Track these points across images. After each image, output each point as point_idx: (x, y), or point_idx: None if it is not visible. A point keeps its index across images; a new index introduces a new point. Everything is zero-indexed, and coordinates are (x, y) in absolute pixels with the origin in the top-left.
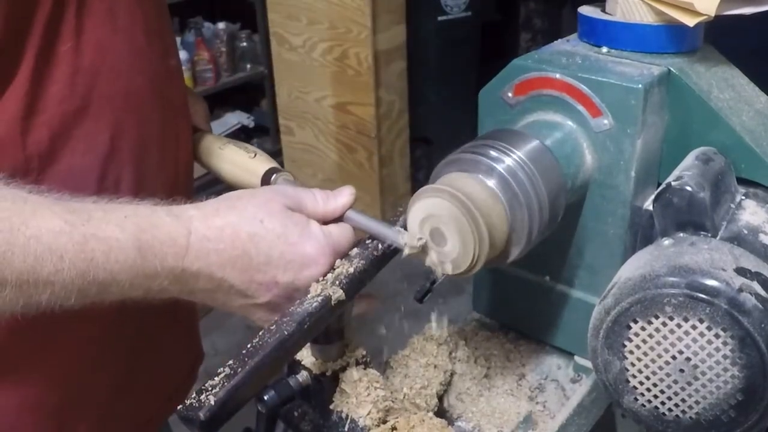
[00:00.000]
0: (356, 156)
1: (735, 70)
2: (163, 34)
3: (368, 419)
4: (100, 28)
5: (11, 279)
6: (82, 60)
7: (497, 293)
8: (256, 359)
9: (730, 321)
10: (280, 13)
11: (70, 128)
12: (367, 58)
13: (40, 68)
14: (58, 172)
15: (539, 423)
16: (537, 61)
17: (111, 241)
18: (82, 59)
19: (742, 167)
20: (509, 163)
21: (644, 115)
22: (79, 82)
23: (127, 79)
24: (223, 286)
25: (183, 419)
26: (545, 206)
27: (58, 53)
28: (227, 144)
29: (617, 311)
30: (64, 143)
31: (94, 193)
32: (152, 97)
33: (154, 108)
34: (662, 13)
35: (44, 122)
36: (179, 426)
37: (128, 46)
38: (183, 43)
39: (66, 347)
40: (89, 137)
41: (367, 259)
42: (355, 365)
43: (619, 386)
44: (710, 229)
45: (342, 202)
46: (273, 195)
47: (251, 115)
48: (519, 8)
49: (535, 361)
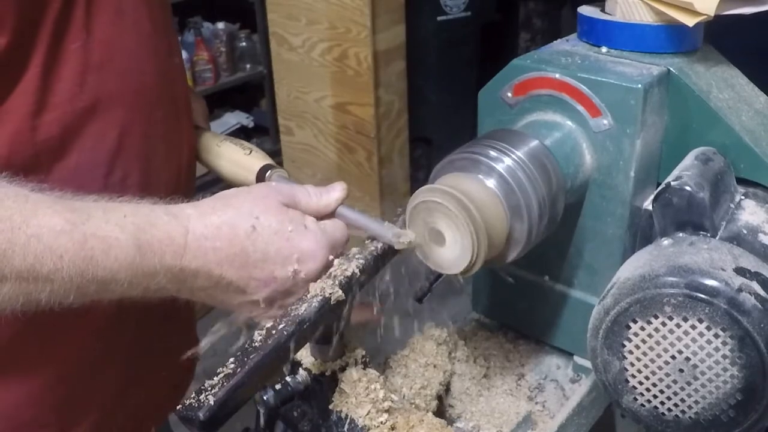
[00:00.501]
0: (356, 156)
1: (735, 70)
2: (167, 32)
3: (367, 419)
4: (109, 25)
5: (11, 276)
6: (92, 57)
7: (496, 293)
8: (256, 359)
9: (730, 321)
10: (280, 13)
11: (80, 125)
12: (367, 58)
13: (49, 65)
14: (66, 168)
15: (538, 423)
16: (536, 61)
17: (110, 240)
18: (92, 57)
19: (741, 167)
20: (509, 163)
21: (644, 115)
22: (88, 80)
23: (136, 76)
24: (222, 284)
25: (182, 419)
26: (545, 206)
27: (68, 51)
28: (224, 141)
29: (616, 311)
30: (73, 140)
31: (101, 189)
32: (159, 94)
33: (160, 105)
34: (662, 13)
35: (54, 119)
36: (179, 426)
37: (136, 43)
38: (182, 43)
39: (71, 343)
40: (98, 134)
41: (367, 259)
42: (354, 365)
43: (619, 386)
44: (710, 229)
45: (335, 197)
46: (268, 191)
47: (250, 115)
48: (518, 8)
49: (534, 361)
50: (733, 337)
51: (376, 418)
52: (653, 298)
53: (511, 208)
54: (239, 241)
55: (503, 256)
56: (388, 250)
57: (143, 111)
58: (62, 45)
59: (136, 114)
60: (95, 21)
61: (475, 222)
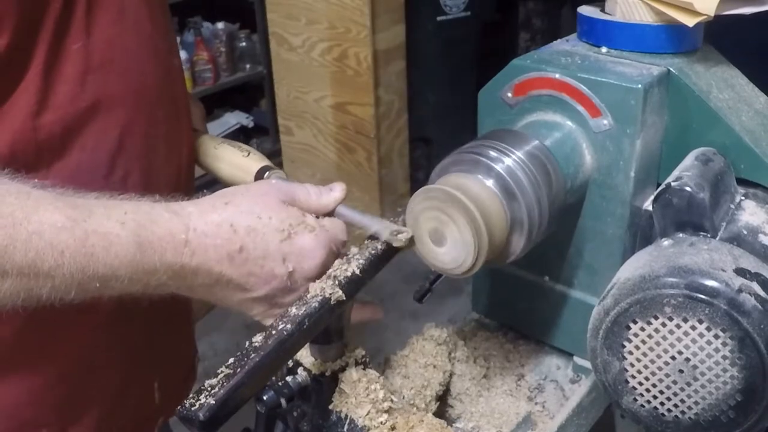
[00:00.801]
0: (355, 156)
1: (734, 70)
2: (168, 32)
3: (367, 419)
4: (111, 25)
5: (12, 272)
6: (93, 58)
7: (496, 293)
8: (256, 359)
9: (730, 321)
10: (280, 12)
11: (81, 125)
12: (367, 57)
13: (50, 65)
14: (67, 168)
15: (538, 423)
16: (536, 61)
17: (111, 236)
18: (93, 57)
19: (741, 167)
20: (509, 163)
21: (644, 115)
22: (89, 80)
23: (137, 76)
24: (222, 281)
25: (183, 419)
26: (544, 206)
27: (69, 51)
28: (221, 143)
29: (616, 312)
30: (75, 139)
31: (101, 188)
32: (160, 94)
33: (161, 105)
34: (662, 13)
35: (55, 119)
36: (179, 426)
37: (137, 43)
38: (182, 43)
39: (72, 341)
40: (99, 134)
41: (367, 259)
42: (354, 365)
43: (619, 387)
44: (710, 230)
45: (334, 197)
46: (268, 189)
47: (250, 115)
48: (518, 8)
49: (534, 362)
50: (733, 337)
51: (376, 418)
52: (653, 298)
53: (511, 209)
54: (239, 239)
55: (503, 256)
56: (388, 250)
57: (144, 111)
58: (63, 45)
59: (137, 114)
60: (96, 21)
61: (475, 222)
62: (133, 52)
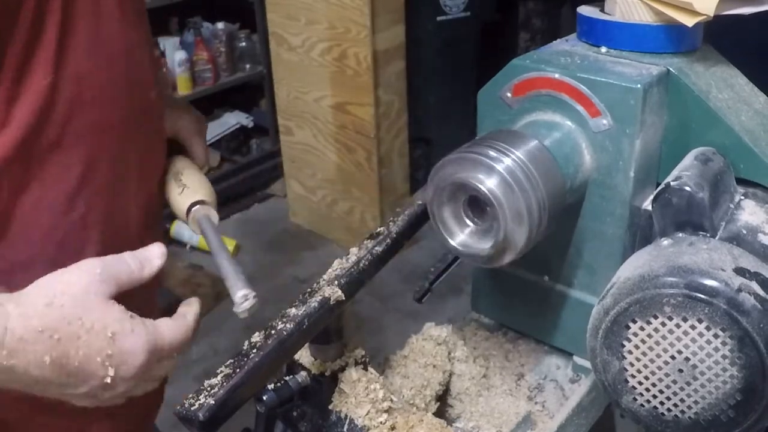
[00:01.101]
0: (355, 156)
1: (734, 70)
2: (148, 65)
3: (367, 419)
4: (83, 61)
5: None
6: (61, 94)
7: (496, 293)
8: (255, 360)
9: (729, 321)
10: (279, 13)
11: (42, 161)
12: (366, 58)
13: (12, 99)
14: (26, 204)
15: (538, 423)
16: (536, 61)
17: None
18: (61, 93)
19: (741, 167)
20: (508, 163)
21: (643, 115)
22: (54, 117)
23: (106, 113)
24: (40, 381)
25: (182, 419)
26: (544, 206)
27: (38, 86)
28: (169, 174)
29: (616, 311)
30: (34, 176)
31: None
32: (131, 129)
33: (131, 140)
34: (661, 13)
35: (16, 156)
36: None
37: (109, 80)
38: (182, 43)
39: None
40: (60, 170)
41: (367, 259)
42: (354, 365)
43: (618, 386)
44: (709, 229)
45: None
46: (89, 284)
47: (250, 115)
48: (518, 8)
49: (534, 361)
50: (732, 337)
51: (376, 418)
52: (653, 298)
53: (510, 209)
54: (61, 346)
55: (503, 255)
56: (388, 250)
57: (110, 147)
58: (29, 79)
59: (101, 151)
60: (68, 54)
61: None
62: (104, 89)
